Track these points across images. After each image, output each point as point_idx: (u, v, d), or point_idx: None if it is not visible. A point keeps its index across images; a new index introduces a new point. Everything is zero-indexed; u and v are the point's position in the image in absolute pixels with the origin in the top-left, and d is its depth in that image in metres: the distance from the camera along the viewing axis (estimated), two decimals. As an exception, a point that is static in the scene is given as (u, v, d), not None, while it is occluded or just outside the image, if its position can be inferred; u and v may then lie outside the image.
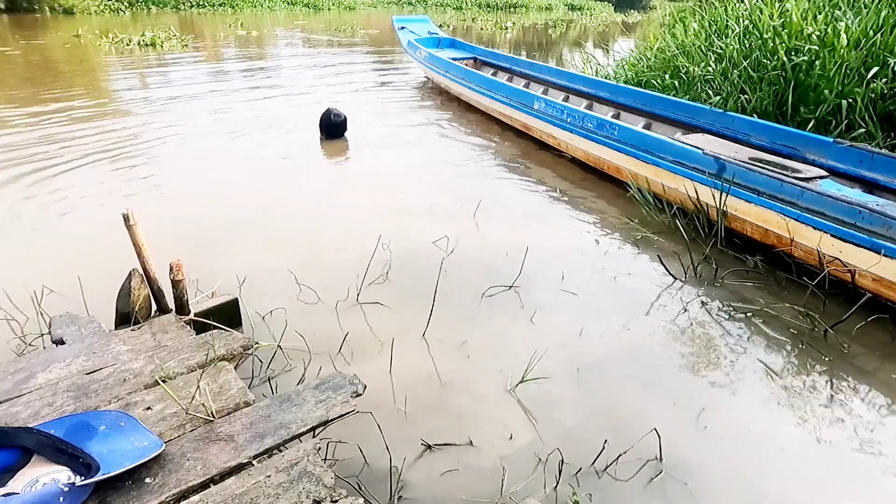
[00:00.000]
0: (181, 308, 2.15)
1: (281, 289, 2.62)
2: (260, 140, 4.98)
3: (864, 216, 2.49)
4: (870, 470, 1.78)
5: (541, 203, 3.81)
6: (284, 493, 1.35)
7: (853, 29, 3.96)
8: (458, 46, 7.84)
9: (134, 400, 1.65)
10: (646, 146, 3.64)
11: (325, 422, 1.60)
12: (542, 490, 1.64)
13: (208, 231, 3.25)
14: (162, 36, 11.02)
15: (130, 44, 10.58)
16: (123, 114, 5.75)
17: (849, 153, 3.26)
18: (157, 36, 10.85)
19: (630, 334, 2.41)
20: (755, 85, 4.23)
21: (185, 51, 10.32)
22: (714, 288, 2.76)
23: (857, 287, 2.53)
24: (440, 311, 2.44)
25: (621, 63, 6.23)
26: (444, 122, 5.77)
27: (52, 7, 16.76)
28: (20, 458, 1.42)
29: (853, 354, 2.28)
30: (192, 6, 20.27)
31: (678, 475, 1.71)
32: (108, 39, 10.82)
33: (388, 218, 3.45)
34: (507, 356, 2.23)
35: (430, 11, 22.66)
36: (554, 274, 2.84)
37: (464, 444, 1.81)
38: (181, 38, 11.27)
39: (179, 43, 10.96)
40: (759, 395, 2.06)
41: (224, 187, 3.91)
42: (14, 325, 2.22)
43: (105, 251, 2.84)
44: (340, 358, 2.20)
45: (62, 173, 4.04)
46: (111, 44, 10.58)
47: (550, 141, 4.77)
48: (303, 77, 8.15)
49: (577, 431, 1.88)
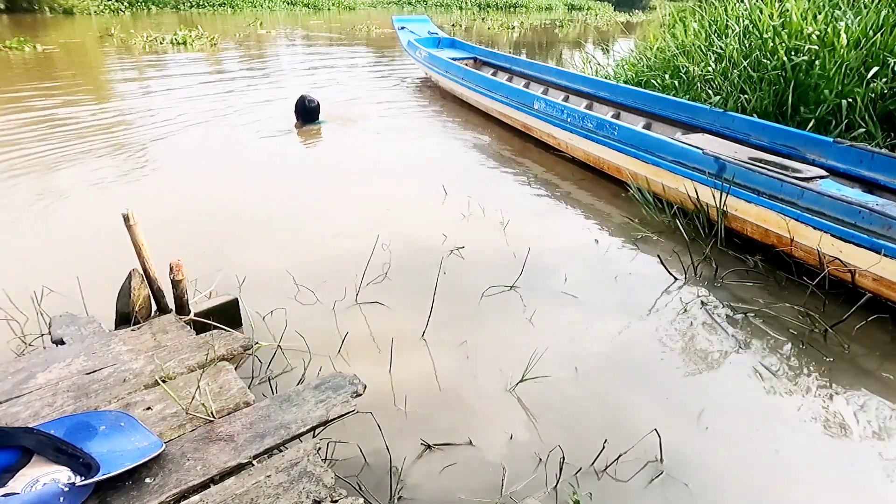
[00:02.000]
0: (181, 308, 2.15)
1: (281, 289, 2.62)
2: (264, 138, 4.99)
3: (865, 216, 2.49)
4: (870, 470, 1.78)
5: (540, 203, 3.81)
6: (284, 493, 1.35)
7: (853, 29, 3.96)
8: (458, 46, 7.84)
9: (134, 400, 1.65)
10: (646, 146, 3.64)
11: (326, 422, 1.60)
12: (542, 490, 1.64)
13: (208, 231, 3.25)
14: (192, 35, 11.40)
15: (164, 42, 10.96)
16: (130, 112, 5.75)
17: (849, 153, 3.26)
18: (189, 35, 11.27)
19: (630, 334, 2.41)
20: (755, 85, 4.23)
21: (216, 50, 10.65)
22: (714, 288, 2.76)
23: (857, 287, 2.53)
24: (440, 311, 2.44)
25: (621, 63, 6.23)
26: (444, 123, 5.77)
27: (51, 7, 16.77)
28: (20, 458, 1.42)
29: (853, 354, 2.28)
30: (191, 6, 20.32)
31: (679, 475, 1.71)
32: (143, 38, 11.15)
33: (387, 218, 3.45)
34: (507, 356, 2.23)
35: (431, 11, 22.68)
36: (554, 274, 2.84)
37: (464, 444, 1.81)
38: (210, 38, 11.62)
39: (209, 42, 11.30)
40: (759, 396, 2.06)
41: (225, 187, 3.91)
42: (14, 325, 2.22)
43: (105, 251, 2.84)
44: (340, 358, 2.20)
45: (62, 173, 4.04)
46: (145, 42, 10.93)
47: (550, 141, 4.77)
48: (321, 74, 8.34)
49: (577, 431, 1.88)
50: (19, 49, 9.51)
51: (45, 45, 10.13)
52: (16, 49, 9.49)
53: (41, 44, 10.07)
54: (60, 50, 9.91)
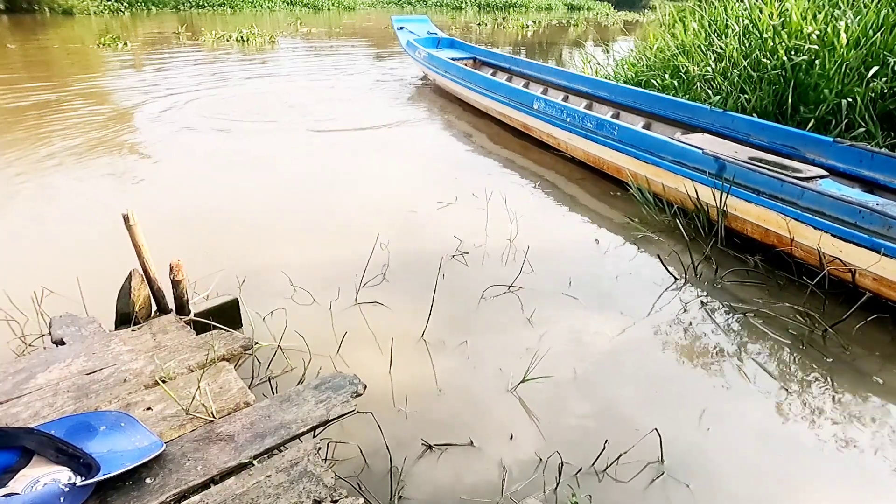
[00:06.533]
0: (181, 308, 2.15)
1: (281, 289, 2.62)
2: (269, 136, 4.99)
3: (865, 216, 2.48)
4: (871, 470, 1.78)
5: (540, 203, 3.81)
6: (285, 493, 1.35)
7: (853, 28, 3.96)
8: (458, 46, 7.83)
9: (134, 400, 1.65)
10: (646, 146, 3.64)
11: (326, 422, 1.60)
12: (542, 490, 1.64)
13: (209, 231, 3.25)
14: (255, 33, 12.33)
15: (230, 40, 11.92)
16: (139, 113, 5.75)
17: (849, 152, 3.26)
18: (252, 33, 12.27)
19: (630, 334, 2.41)
20: (755, 84, 4.23)
21: (275, 48, 11.39)
22: (714, 288, 2.76)
23: (857, 287, 2.53)
24: (440, 311, 2.44)
25: (621, 63, 6.23)
26: (444, 123, 5.77)
27: (51, 7, 16.77)
28: (20, 458, 1.42)
29: (853, 354, 2.28)
30: (191, 6, 20.33)
31: (679, 476, 1.71)
32: (212, 35, 12.12)
33: (386, 217, 3.45)
34: (508, 356, 2.23)
35: (431, 12, 22.69)
36: (554, 274, 2.84)
37: (464, 444, 1.81)
38: (270, 36, 12.51)
39: (267, 41, 12.11)
40: (759, 396, 2.06)
41: (226, 187, 3.91)
42: (14, 325, 2.22)
43: (105, 251, 2.84)
44: (340, 358, 2.20)
45: (62, 172, 4.05)
46: (214, 40, 11.87)
47: (550, 141, 4.77)
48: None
49: (577, 431, 1.88)
50: (113, 46, 10.47)
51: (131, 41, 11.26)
52: (109, 46, 10.51)
53: (129, 41, 11.17)
54: (147, 45, 11.04)
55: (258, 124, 5.44)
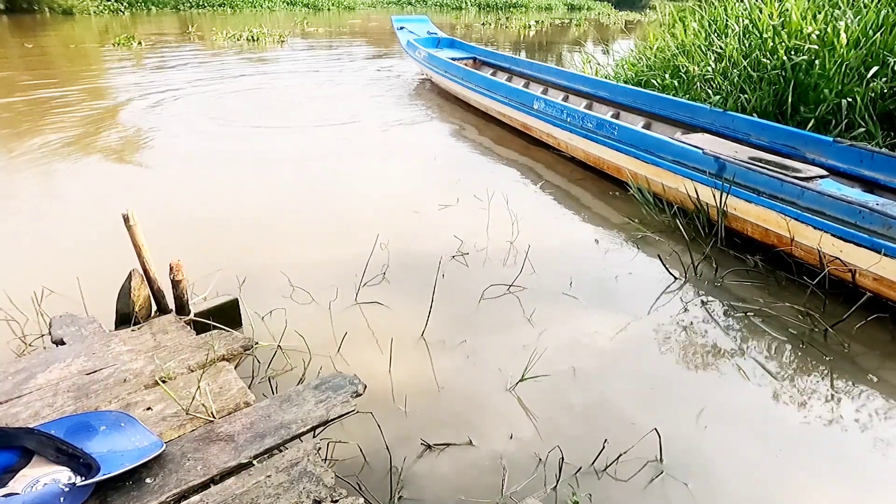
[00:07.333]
0: (181, 308, 2.15)
1: (281, 289, 2.62)
2: (270, 136, 4.99)
3: (865, 215, 2.48)
4: (871, 470, 1.78)
5: (540, 202, 3.81)
6: (285, 493, 1.35)
7: (853, 28, 3.96)
8: (458, 46, 7.83)
9: (134, 400, 1.65)
10: (646, 146, 3.64)
11: (326, 422, 1.60)
12: (541, 490, 1.64)
13: (209, 231, 3.25)
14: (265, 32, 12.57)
15: (240, 39, 12.12)
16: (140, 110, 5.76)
17: (849, 152, 3.26)
18: (263, 32, 12.50)
19: (630, 333, 2.41)
20: (755, 84, 4.23)
21: (284, 47, 11.56)
22: (714, 287, 2.76)
23: (857, 286, 2.53)
24: (440, 311, 2.44)
25: (621, 63, 6.23)
26: (443, 123, 5.77)
27: (51, 7, 16.77)
28: (20, 458, 1.42)
29: (853, 354, 2.28)
30: (191, 6, 20.34)
31: (679, 475, 1.71)
32: (221, 35, 12.37)
33: (386, 217, 3.45)
34: (507, 355, 2.23)
35: (431, 12, 22.70)
36: (553, 273, 2.84)
37: (464, 444, 1.81)
38: (279, 36, 12.69)
39: (276, 40, 12.24)
40: (759, 395, 2.06)
41: (226, 186, 3.91)
42: (14, 325, 2.22)
43: (105, 251, 2.84)
44: (340, 358, 2.21)
45: (62, 171, 4.05)
46: (225, 39, 12.09)
47: (550, 141, 4.77)
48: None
49: (577, 431, 1.88)
50: (127, 46, 10.58)
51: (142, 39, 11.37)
52: (123, 45, 10.62)
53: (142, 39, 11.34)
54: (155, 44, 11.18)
55: (261, 123, 5.44)
